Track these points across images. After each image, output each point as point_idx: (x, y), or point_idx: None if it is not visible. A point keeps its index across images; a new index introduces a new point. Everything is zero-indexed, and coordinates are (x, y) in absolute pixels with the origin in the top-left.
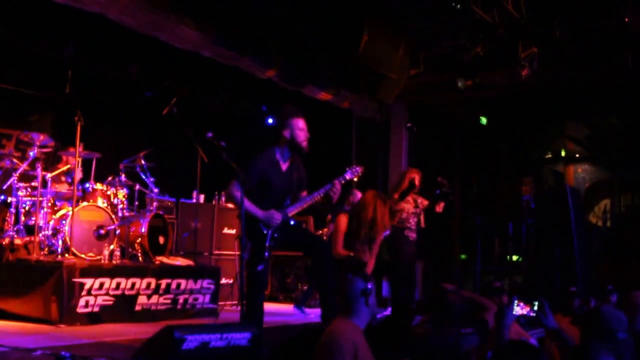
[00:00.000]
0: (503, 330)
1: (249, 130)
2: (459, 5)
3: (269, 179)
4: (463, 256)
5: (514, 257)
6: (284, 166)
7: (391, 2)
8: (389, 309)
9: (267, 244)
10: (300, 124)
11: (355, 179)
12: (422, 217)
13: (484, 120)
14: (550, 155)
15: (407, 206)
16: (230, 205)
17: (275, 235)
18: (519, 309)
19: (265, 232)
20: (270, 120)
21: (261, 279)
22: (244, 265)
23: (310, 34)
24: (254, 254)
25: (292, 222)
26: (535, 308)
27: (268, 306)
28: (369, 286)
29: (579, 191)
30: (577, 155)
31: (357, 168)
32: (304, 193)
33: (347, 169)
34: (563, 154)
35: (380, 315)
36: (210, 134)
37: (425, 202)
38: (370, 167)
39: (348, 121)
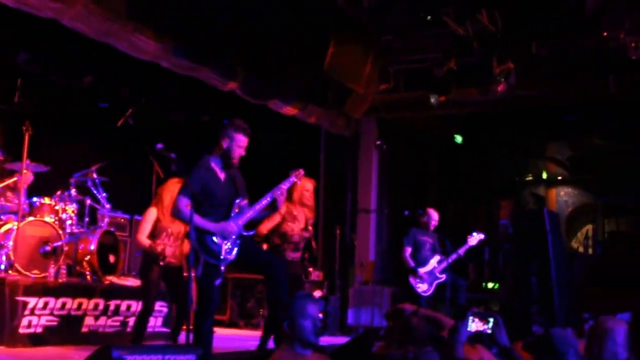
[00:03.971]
0: (456, 346)
1: (211, 145)
2: (429, 17)
3: (211, 190)
4: None
5: (490, 284)
6: (222, 176)
7: (359, 14)
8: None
9: (222, 258)
10: (242, 141)
11: (298, 182)
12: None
13: (459, 139)
14: (531, 178)
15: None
16: None
17: (231, 247)
18: (474, 325)
19: (219, 244)
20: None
21: (215, 296)
22: (196, 281)
23: (275, 46)
24: (209, 268)
25: (249, 234)
26: (490, 325)
27: (227, 332)
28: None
29: (557, 215)
30: (560, 178)
31: (300, 171)
32: (245, 202)
33: (291, 172)
34: (545, 176)
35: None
36: (160, 145)
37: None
38: (340, 184)
39: (318, 137)
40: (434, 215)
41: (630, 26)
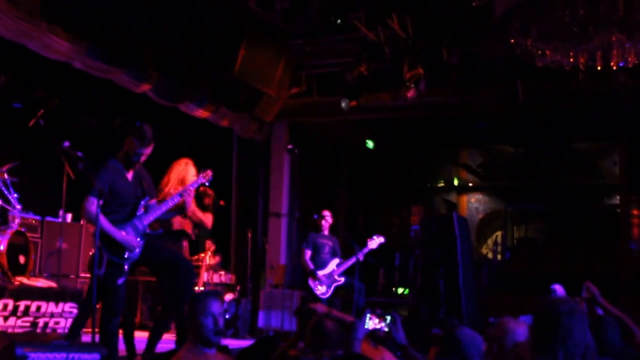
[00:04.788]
0: (353, 343)
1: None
2: (339, 21)
3: (117, 189)
4: None
5: (400, 290)
6: (129, 175)
7: (271, 18)
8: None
9: (126, 256)
10: (140, 149)
11: (207, 183)
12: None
13: (370, 144)
14: (442, 184)
15: None
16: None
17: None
18: (371, 323)
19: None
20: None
21: (120, 295)
22: (99, 281)
23: (188, 48)
24: (113, 267)
25: (159, 232)
26: (387, 322)
27: (138, 335)
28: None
29: (466, 220)
30: (470, 185)
31: (208, 172)
32: (153, 201)
33: (200, 173)
34: (456, 182)
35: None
36: (67, 144)
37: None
38: (252, 188)
39: (231, 140)
40: (328, 217)
41: (536, 34)
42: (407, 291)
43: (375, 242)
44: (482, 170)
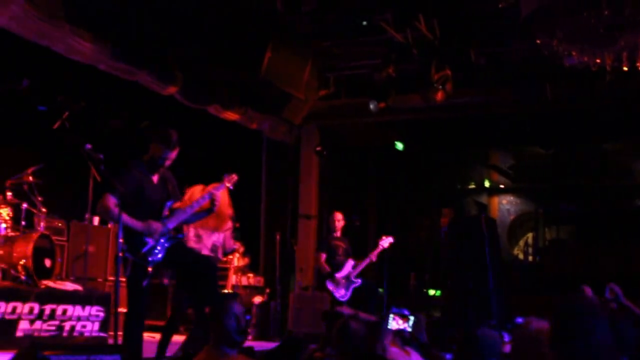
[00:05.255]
0: (377, 344)
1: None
2: (365, 22)
3: (143, 191)
4: (381, 290)
5: (431, 291)
6: (154, 178)
7: (298, 20)
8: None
9: (149, 259)
10: (165, 153)
11: (231, 187)
12: None
13: (399, 146)
14: (473, 186)
15: None
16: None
17: (159, 248)
18: (394, 324)
19: (147, 245)
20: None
21: (143, 297)
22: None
23: (213, 50)
24: (136, 269)
25: (179, 236)
26: (410, 323)
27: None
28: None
29: (494, 221)
30: (502, 186)
31: (233, 176)
32: (178, 204)
33: (224, 177)
34: (487, 184)
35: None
36: (88, 146)
37: None
38: (281, 190)
39: (260, 142)
40: (341, 219)
41: (562, 34)
42: (438, 292)
43: (386, 241)
44: (513, 172)
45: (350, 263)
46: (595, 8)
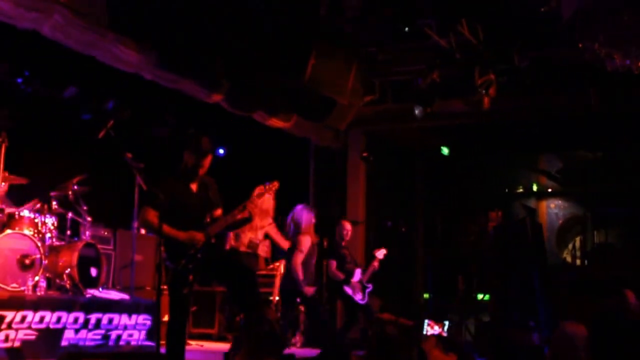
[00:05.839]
0: (412, 350)
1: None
2: (407, 28)
3: (182, 200)
4: (426, 295)
5: (480, 296)
6: (194, 186)
7: (341, 26)
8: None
9: (190, 266)
10: (196, 160)
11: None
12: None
13: (445, 150)
14: (521, 190)
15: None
16: None
17: (199, 256)
18: (429, 329)
19: (187, 253)
20: (220, 151)
21: (185, 305)
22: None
23: (258, 57)
24: (177, 277)
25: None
26: (446, 328)
27: (215, 346)
28: None
29: (540, 225)
30: (550, 190)
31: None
32: (219, 212)
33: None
34: (535, 188)
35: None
36: (129, 155)
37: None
38: (328, 195)
39: (308, 148)
40: (348, 227)
41: (603, 38)
42: (487, 297)
43: (380, 253)
44: (561, 176)
45: (358, 270)
46: (635, 8)
